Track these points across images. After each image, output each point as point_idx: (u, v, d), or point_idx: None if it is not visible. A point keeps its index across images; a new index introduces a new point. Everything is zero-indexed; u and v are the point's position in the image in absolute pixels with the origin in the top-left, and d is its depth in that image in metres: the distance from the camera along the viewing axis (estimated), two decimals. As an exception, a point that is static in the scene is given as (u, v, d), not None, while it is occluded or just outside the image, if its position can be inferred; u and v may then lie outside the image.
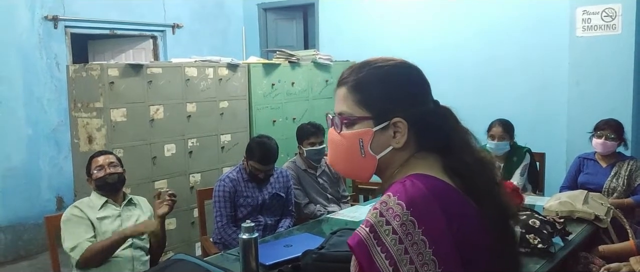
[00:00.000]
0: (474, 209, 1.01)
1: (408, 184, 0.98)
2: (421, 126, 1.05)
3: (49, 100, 5.03)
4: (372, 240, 0.95)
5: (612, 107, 3.99)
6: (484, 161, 1.09)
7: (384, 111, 1.05)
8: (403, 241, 0.93)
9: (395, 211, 0.95)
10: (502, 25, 4.95)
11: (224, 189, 3.15)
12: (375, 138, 1.06)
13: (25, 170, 4.88)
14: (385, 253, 0.93)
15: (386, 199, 0.97)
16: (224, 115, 4.25)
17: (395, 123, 1.04)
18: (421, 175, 1.01)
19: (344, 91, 1.09)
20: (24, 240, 4.81)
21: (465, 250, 0.96)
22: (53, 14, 5.02)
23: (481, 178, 1.05)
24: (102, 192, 2.79)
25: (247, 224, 2.15)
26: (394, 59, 1.11)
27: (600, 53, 4.16)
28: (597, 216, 2.95)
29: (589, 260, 2.73)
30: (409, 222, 0.94)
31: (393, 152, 1.06)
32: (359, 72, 1.09)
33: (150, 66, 3.82)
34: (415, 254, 0.93)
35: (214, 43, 6.22)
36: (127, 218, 2.80)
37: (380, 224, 0.95)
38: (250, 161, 3.15)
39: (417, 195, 0.96)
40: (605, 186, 3.50)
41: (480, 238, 1.00)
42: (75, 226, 2.66)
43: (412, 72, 1.10)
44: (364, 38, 5.65)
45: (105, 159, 2.81)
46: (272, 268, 2.30)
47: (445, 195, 0.99)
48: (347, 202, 3.79)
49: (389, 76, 1.07)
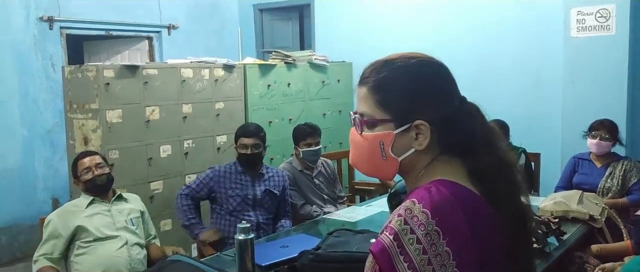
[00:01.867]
0: (494, 216, 0.99)
1: (433, 191, 0.96)
2: (445, 128, 1.02)
3: (45, 102, 5.02)
4: (396, 248, 0.92)
5: (607, 108, 4.01)
6: (507, 162, 1.06)
7: (405, 113, 1.02)
8: (427, 252, 0.91)
9: (420, 220, 0.92)
10: (497, 26, 4.97)
11: (210, 172, 3.27)
12: (396, 140, 1.03)
13: (20, 171, 4.86)
14: (408, 263, 0.91)
15: (410, 206, 0.95)
16: (219, 117, 4.25)
17: (418, 125, 1.01)
18: (446, 181, 0.99)
19: (365, 91, 1.06)
20: (20, 242, 4.79)
21: (484, 258, 0.95)
22: (48, 14, 5.01)
23: (503, 182, 1.02)
24: (91, 193, 2.79)
25: (243, 225, 2.15)
26: (416, 55, 1.07)
27: (595, 54, 4.18)
28: (592, 215, 2.96)
29: (583, 260, 2.75)
30: (433, 232, 0.92)
31: (416, 154, 1.03)
32: (379, 71, 1.05)
33: (146, 67, 3.82)
34: (439, 266, 0.91)
35: (210, 44, 6.22)
36: (117, 212, 2.81)
37: (404, 232, 0.93)
38: (237, 141, 3.25)
39: (443, 204, 0.94)
40: (600, 186, 3.52)
41: (499, 246, 0.98)
42: (47, 237, 2.71)
43: (435, 70, 1.07)
44: (360, 39, 5.66)
45: (91, 161, 2.80)
46: (268, 269, 2.30)
47: (470, 204, 0.97)
48: (343, 202, 3.80)
49: (410, 76, 1.03)
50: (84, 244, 2.69)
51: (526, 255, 1.08)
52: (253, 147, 3.20)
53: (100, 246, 2.69)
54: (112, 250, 2.69)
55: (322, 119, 5.02)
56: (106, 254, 2.68)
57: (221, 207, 3.22)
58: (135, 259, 2.74)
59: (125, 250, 2.72)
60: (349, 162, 1.15)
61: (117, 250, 2.70)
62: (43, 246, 2.70)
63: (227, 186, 3.21)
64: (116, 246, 2.70)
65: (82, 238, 2.69)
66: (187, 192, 3.22)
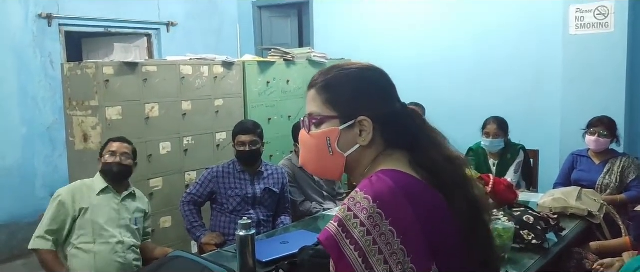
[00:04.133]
0: (442, 200, 1.04)
1: (374, 179, 1.02)
2: (387, 125, 1.10)
3: (44, 99, 5.01)
4: (341, 233, 0.98)
5: (605, 105, 4.03)
6: (452, 157, 1.11)
7: (350, 110, 1.09)
8: (371, 232, 0.96)
9: (363, 205, 0.98)
10: (496, 23, 4.97)
11: (209, 173, 3.25)
12: (342, 136, 1.09)
13: (19, 169, 4.86)
14: (354, 245, 0.97)
15: (354, 194, 1.01)
16: (219, 114, 4.25)
17: (361, 122, 1.08)
18: (388, 170, 1.05)
19: (313, 93, 1.15)
20: (19, 239, 4.78)
21: (434, 239, 0.99)
22: (47, 12, 5.00)
23: (449, 173, 1.08)
24: (106, 177, 2.79)
25: (244, 221, 2.16)
26: (361, 62, 1.17)
27: (594, 51, 4.19)
28: (590, 212, 2.98)
29: (582, 255, 2.76)
30: (376, 215, 0.97)
31: (361, 150, 1.10)
32: (327, 74, 1.15)
33: (145, 64, 3.82)
34: (384, 244, 0.96)
35: (209, 41, 6.21)
36: (125, 209, 2.81)
37: (348, 218, 0.98)
38: (235, 139, 3.24)
39: (384, 188, 1.00)
40: (598, 182, 3.53)
41: (449, 228, 1.03)
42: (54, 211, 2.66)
43: (377, 75, 1.15)
44: (358, 36, 5.66)
45: (119, 147, 2.83)
46: (268, 265, 2.31)
47: (412, 187, 1.02)
48: (342, 199, 3.81)
49: (355, 78, 1.12)
50: (83, 236, 2.67)
51: (484, 245, 1.11)
52: (251, 144, 3.20)
53: (97, 244, 2.68)
54: (108, 252, 2.68)
55: (321, 116, 5.02)
56: (102, 255, 2.67)
57: (222, 206, 3.23)
58: (129, 263, 2.75)
59: (121, 252, 2.72)
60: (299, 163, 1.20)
61: (114, 253, 2.69)
62: (47, 223, 2.65)
63: (227, 186, 3.21)
64: (112, 248, 2.70)
65: (83, 226, 2.67)
66: (188, 199, 3.22)
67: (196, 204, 3.23)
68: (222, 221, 3.22)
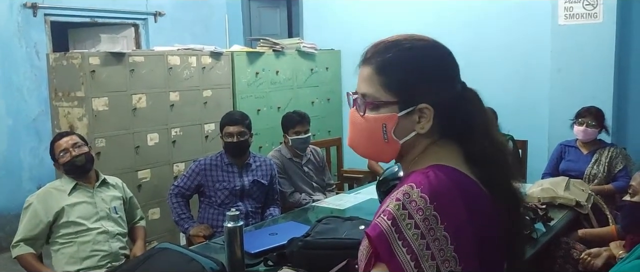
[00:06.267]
0: (490, 201, 1.00)
1: (431, 176, 0.95)
2: (447, 112, 1.02)
3: (29, 90, 4.94)
4: (394, 233, 0.91)
5: (593, 95, 4.04)
6: (502, 148, 1.07)
7: (410, 96, 1.01)
8: (425, 237, 0.90)
9: (419, 204, 0.92)
10: (485, 13, 4.96)
11: (196, 166, 3.22)
12: (399, 123, 1.02)
13: (5, 161, 4.80)
14: (407, 248, 0.90)
15: (409, 190, 0.93)
16: (207, 104, 4.22)
17: (421, 109, 1.01)
18: (444, 167, 0.99)
19: (369, 71, 1.03)
20: (6, 231, 4.74)
21: (482, 243, 0.95)
22: (32, 1, 4.92)
23: (499, 167, 1.03)
24: (72, 175, 2.74)
25: (232, 212, 2.14)
26: (423, 38, 1.06)
27: (582, 41, 4.20)
28: (578, 202, 2.99)
29: (570, 245, 2.78)
30: (431, 217, 0.91)
31: (416, 137, 1.03)
32: (386, 52, 1.03)
33: (132, 55, 3.77)
34: (437, 250, 0.90)
35: (197, 31, 6.15)
36: (101, 200, 2.76)
37: (402, 217, 0.92)
38: (222, 130, 3.21)
39: (441, 188, 0.94)
40: (586, 172, 3.55)
41: (495, 231, 0.99)
42: (27, 221, 2.64)
43: (441, 54, 1.06)
44: (348, 26, 5.62)
45: (68, 141, 2.74)
46: (257, 256, 2.30)
47: (467, 189, 0.97)
48: (332, 190, 3.80)
49: (416, 59, 1.02)
50: (64, 236, 2.65)
51: (520, 239, 1.08)
52: (239, 135, 3.17)
53: (79, 238, 2.65)
54: (91, 243, 2.65)
55: (310, 106, 5.01)
56: (85, 247, 2.64)
57: (209, 199, 3.21)
58: (115, 251, 2.72)
59: (106, 242, 2.69)
60: (347, 144, 1.13)
61: (97, 243, 2.66)
62: (23, 231, 2.63)
63: (214, 180, 3.18)
64: (96, 239, 2.66)
65: (62, 227, 2.64)
66: (176, 191, 3.20)
67: (184, 197, 3.21)
68: (211, 213, 3.20)
